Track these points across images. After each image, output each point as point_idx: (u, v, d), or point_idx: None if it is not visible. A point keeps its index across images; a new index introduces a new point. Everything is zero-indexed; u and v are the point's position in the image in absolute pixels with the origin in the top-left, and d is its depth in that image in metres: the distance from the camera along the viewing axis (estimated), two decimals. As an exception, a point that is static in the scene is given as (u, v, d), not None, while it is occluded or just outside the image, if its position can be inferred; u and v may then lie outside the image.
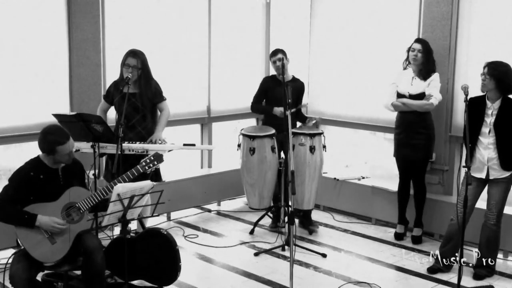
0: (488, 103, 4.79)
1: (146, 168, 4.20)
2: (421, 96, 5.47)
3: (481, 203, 5.06)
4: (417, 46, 5.48)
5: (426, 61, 5.48)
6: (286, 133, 4.84)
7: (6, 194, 3.91)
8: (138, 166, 4.19)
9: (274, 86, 6.02)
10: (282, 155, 5.91)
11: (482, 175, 4.84)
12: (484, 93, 4.82)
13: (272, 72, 6.90)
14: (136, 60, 5.06)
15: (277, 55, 5.90)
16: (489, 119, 4.78)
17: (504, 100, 4.76)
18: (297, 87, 5.99)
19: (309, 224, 6.04)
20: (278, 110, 5.91)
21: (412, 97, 5.49)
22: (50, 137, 3.92)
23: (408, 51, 5.57)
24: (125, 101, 4.76)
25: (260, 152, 5.76)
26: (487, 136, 4.79)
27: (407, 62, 5.65)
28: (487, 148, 4.80)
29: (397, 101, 5.55)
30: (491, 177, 4.83)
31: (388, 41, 6.27)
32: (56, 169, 4.04)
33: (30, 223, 3.84)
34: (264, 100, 6.17)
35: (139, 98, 5.11)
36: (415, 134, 5.53)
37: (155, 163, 4.22)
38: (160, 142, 5.07)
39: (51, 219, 3.88)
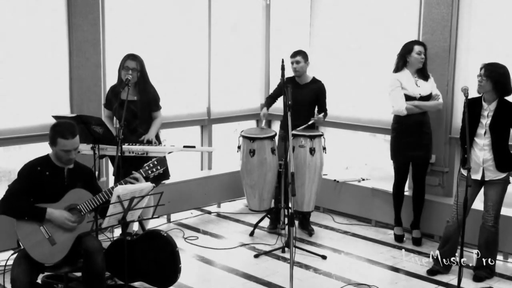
0: (484, 104, 4.80)
1: (149, 172, 4.20)
2: (429, 97, 5.53)
3: (479, 204, 5.07)
4: (422, 49, 5.49)
5: (425, 62, 5.54)
6: (286, 134, 4.84)
7: (14, 188, 3.93)
8: (141, 170, 4.19)
9: (291, 87, 5.96)
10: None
11: (478, 176, 4.84)
12: (481, 95, 4.83)
13: (272, 73, 6.91)
14: (135, 63, 5.08)
15: (296, 57, 5.84)
16: (485, 121, 4.79)
17: (500, 102, 4.77)
18: (315, 88, 5.94)
19: (308, 226, 6.04)
20: (261, 113, 5.99)
21: (422, 98, 5.51)
22: (57, 128, 3.96)
23: (404, 54, 5.52)
24: (125, 104, 4.75)
25: (260, 153, 5.76)
26: (482, 138, 4.80)
27: (399, 65, 5.57)
28: (482, 149, 4.80)
29: (410, 104, 5.52)
30: (486, 178, 4.84)
31: (388, 43, 6.26)
32: (62, 168, 4.05)
33: (40, 217, 3.85)
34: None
35: (137, 105, 5.13)
36: (422, 135, 5.55)
37: (158, 167, 4.22)
38: (150, 143, 5.08)
39: (62, 215, 3.89)
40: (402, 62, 5.57)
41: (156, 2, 6.19)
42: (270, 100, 6.18)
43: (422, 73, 5.55)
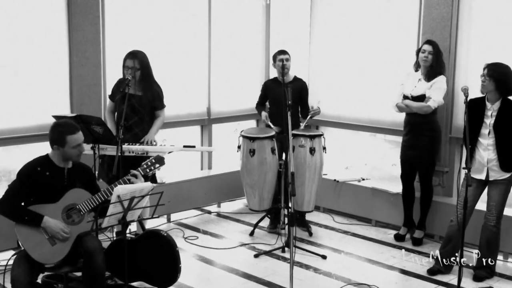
0: (488, 104, 4.79)
1: (148, 170, 4.20)
2: (422, 97, 5.46)
3: (481, 204, 5.06)
4: (428, 47, 5.45)
5: (435, 63, 5.44)
6: (286, 134, 4.84)
7: (13, 189, 3.93)
8: (139, 168, 4.19)
9: (274, 87, 6.03)
10: (283, 156, 5.90)
11: (482, 176, 4.84)
12: (484, 95, 4.82)
13: (272, 74, 6.91)
14: (133, 61, 5.08)
15: (285, 55, 5.91)
16: (489, 121, 4.78)
17: (503, 102, 4.76)
18: (298, 86, 5.98)
19: (305, 223, 6.05)
20: (263, 115, 6.03)
21: (413, 98, 5.49)
22: (61, 127, 3.96)
23: (418, 53, 5.55)
24: (125, 102, 4.77)
25: (260, 153, 5.76)
26: (486, 138, 4.79)
27: (416, 65, 5.61)
28: (486, 149, 4.80)
29: (400, 103, 5.54)
30: (490, 178, 4.83)
31: (388, 43, 6.27)
32: (62, 168, 4.05)
33: (36, 223, 3.85)
34: (268, 101, 6.20)
35: (139, 100, 5.12)
36: (420, 136, 5.52)
37: (157, 165, 4.22)
38: (151, 143, 5.08)
39: (57, 225, 3.89)
40: (416, 61, 5.60)
41: (156, 2, 6.19)
42: (261, 107, 6.24)
43: (432, 73, 5.45)
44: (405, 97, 5.55)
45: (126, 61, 5.10)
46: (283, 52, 5.95)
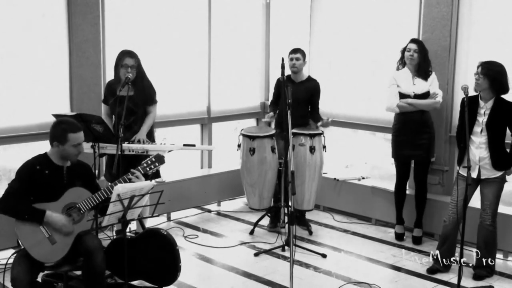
0: (481, 102, 4.80)
1: (147, 169, 4.20)
2: (425, 95, 5.48)
3: (477, 202, 5.07)
4: (413, 46, 5.49)
5: (422, 60, 5.49)
6: (286, 133, 4.84)
7: (13, 188, 3.92)
8: (139, 167, 4.19)
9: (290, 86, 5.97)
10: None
11: (474, 175, 4.82)
12: (478, 93, 4.83)
13: (271, 73, 6.89)
14: (134, 60, 5.09)
15: (295, 54, 5.87)
16: (482, 119, 4.78)
17: (497, 100, 4.77)
18: (310, 86, 5.95)
19: (305, 221, 6.05)
20: (267, 115, 5.98)
21: (417, 96, 5.49)
22: (64, 125, 3.97)
23: (403, 51, 5.57)
24: (125, 101, 4.77)
25: (260, 152, 5.76)
26: (479, 136, 4.80)
27: (399, 63, 5.64)
28: (479, 147, 4.80)
29: (402, 102, 5.54)
30: (482, 177, 4.84)
31: (388, 42, 6.26)
32: (61, 167, 4.05)
33: (38, 219, 3.85)
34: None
35: (133, 101, 5.11)
36: (420, 134, 5.53)
37: (156, 164, 4.22)
38: (142, 142, 5.09)
39: (60, 220, 3.89)
40: (401, 60, 5.61)
41: (156, 1, 6.19)
42: (274, 106, 6.16)
43: (421, 72, 5.51)
44: (404, 96, 5.54)
45: (125, 59, 5.10)
46: (294, 51, 5.90)
